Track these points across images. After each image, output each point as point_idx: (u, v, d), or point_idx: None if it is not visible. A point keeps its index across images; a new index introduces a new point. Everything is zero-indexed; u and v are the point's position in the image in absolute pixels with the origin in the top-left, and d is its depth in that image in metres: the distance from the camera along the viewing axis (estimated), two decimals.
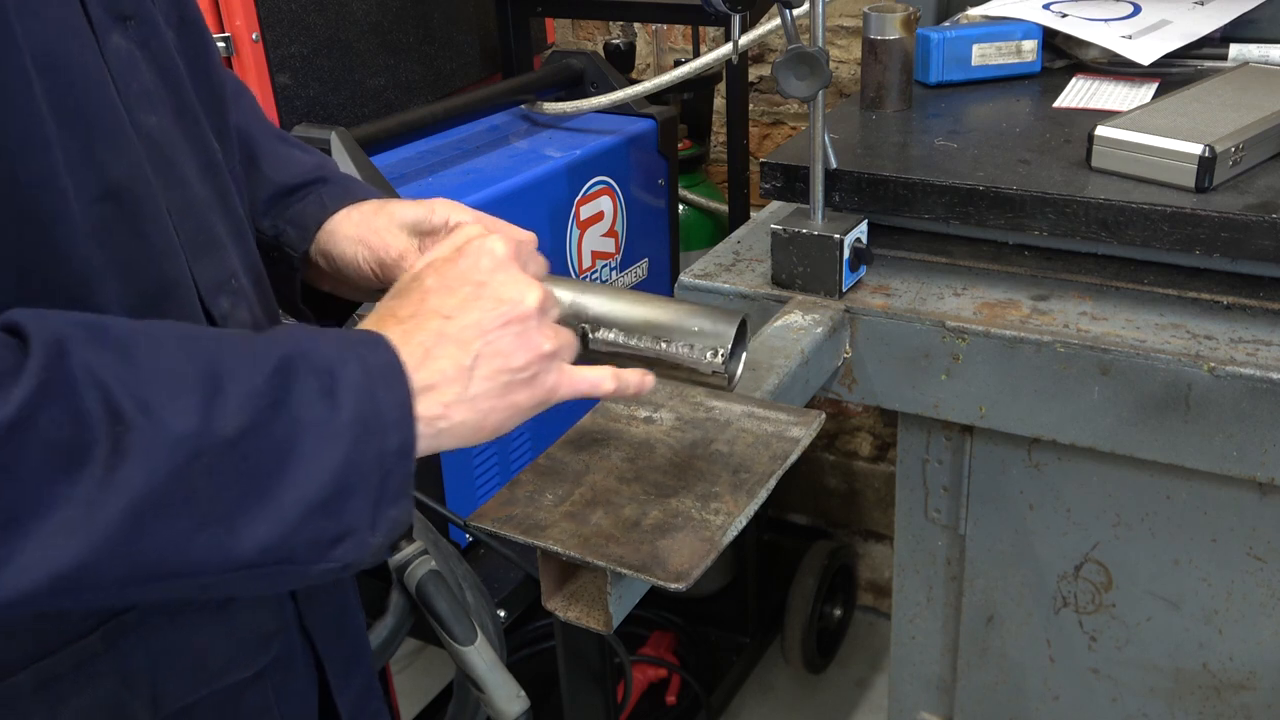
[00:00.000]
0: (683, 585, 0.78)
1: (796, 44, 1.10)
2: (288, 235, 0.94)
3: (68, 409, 0.57)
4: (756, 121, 2.51)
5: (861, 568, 2.78)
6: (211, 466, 0.60)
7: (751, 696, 2.55)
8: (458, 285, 0.73)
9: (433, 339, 0.71)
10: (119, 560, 0.59)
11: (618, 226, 1.87)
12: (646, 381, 0.81)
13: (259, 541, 0.63)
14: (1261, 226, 1.09)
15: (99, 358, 0.59)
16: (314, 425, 0.64)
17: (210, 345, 0.64)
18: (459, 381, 0.70)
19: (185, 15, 0.82)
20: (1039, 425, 1.16)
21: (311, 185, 0.96)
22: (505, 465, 1.72)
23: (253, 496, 0.62)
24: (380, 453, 0.66)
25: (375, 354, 0.68)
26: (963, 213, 1.22)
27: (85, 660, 0.73)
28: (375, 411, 0.66)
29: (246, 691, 0.84)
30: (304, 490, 0.63)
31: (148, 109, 0.73)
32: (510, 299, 0.73)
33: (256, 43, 1.53)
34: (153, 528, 0.59)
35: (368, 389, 0.66)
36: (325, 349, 0.66)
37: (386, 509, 0.67)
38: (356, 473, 0.65)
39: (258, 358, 0.64)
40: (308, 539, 0.64)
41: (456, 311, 0.72)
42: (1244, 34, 1.51)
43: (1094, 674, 1.43)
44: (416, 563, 1.29)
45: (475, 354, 0.71)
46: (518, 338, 0.72)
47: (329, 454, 0.64)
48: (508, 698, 1.25)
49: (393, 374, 0.68)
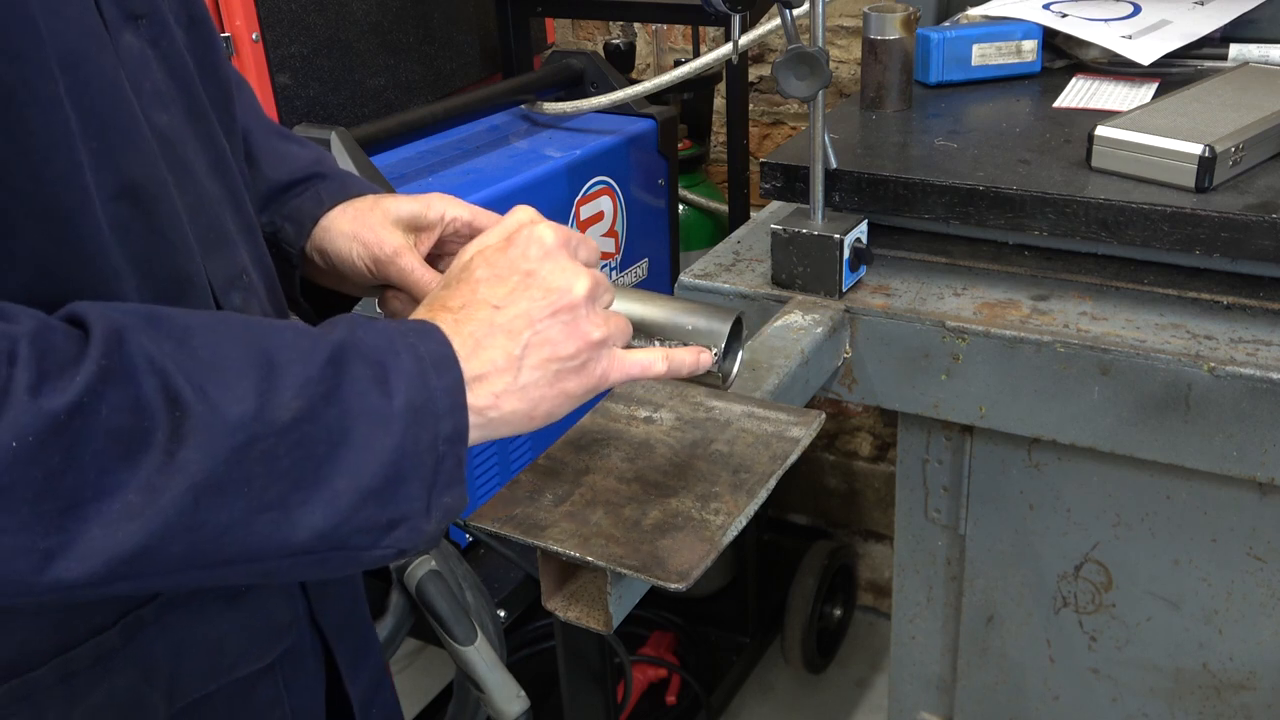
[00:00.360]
0: (683, 585, 0.78)
1: (796, 44, 1.10)
2: (285, 231, 0.94)
3: (128, 395, 0.58)
4: (756, 121, 2.51)
5: (861, 568, 2.78)
6: (267, 452, 0.61)
7: (751, 696, 2.55)
8: (507, 274, 0.74)
9: (483, 329, 0.72)
10: (179, 544, 0.59)
11: (618, 226, 1.87)
12: (703, 360, 0.81)
13: (314, 527, 0.63)
14: (1261, 226, 1.09)
15: (157, 345, 0.60)
16: (367, 413, 0.65)
17: (264, 334, 0.65)
18: (509, 371, 0.71)
19: (194, 14, 0.82)
20: (1039, 425, 1.16)
21: (308, 181, 0.96)
22: (505, 465, 1.72)
23: (307, 482, 0.63)
24: (433, 439, 0.67)
25: (427, 342, 0.69)
26: (963, 213, 1.22)
27: (105, 654, 0.74)
28: (428, 398, 0.67)
29: (258, 683, 0.84)
30: (357, 477, 0.64)
31: (160, 108, 0.73)
32: (559, 287, 0.73)
33: (256, 43, 1.53)
34: (211, 512, 0.60)
35: (420, 376, 0.67)
36: (378, 338, 0.67)
37: (441, 495, 0.68)
38: (409, 459, 0.66)
39: (312, 347, 0.65)
40: (362, 525, 0.65)
41: (506, 301, 0.73)
42: (1244, 34, 1.51)
43: (1094, 674, 1.43)
44: (416, 563, 1.29)
45: (525, 343, 0.72)
46: (566, 326, 0.73)
47: (382, 441, 0.65)
48: (508, 698, 1.25)
49: (445, 362, 0.69)
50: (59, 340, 0.58)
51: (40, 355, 0.56)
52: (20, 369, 0.55)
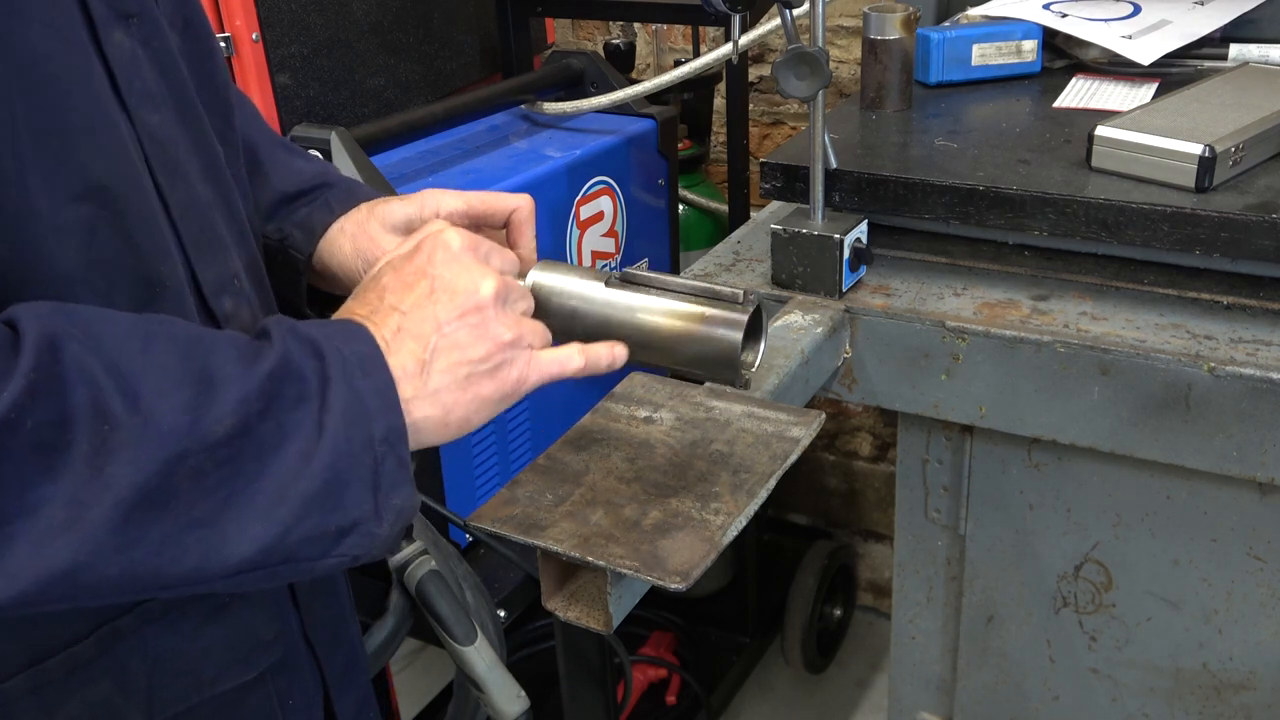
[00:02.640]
0: (683, 585, 0.78)
1: (796, 44, 1.10)
2: (294, 238, 0.94)
3: (54, 408, 0.57)
4: (756, 121, 2.51)
5: (861, 568, 2.78)
6: (197, 468, 0.61)
7: (751, 696, 2.55)
8: (414, 280, 0.73)
9: (390, 334, 0.71)
10: (111, 562, 0.59)
11: (618, 226, 1.87)
12: (618, 354, 0.80)
13: (256, 542, 0.63)
14: (1261, 226, 1.09)
15: (93, 353, 0.59)
16: (300, 423, 0.64)
17: (205, 348, 0.64)
18: (418, 376, 0.70)
19: (190, 19, 0.82)
20: (1039, 425, 1.16)
21: (316, 190, 0.96)
22: (505, 465, 1.72)
23: (240, 497, 0.62)
24: (367, 440, 0.66)
25: (353, 344, 0.69)
26: (963, 213, 1.22)
27: (79, 666, 0.73)
28: (357, 400, 0.66)
29: (249, 697, 0.84)
30: (294, 485, 0.64)
31: (150, 108, 0.73)
32: (464, 290, 0.73)
33: (256, 43, 1.53)
34: (142, 528, 0.59)
35: (347, 380, 0.66)
36: (310, 345, 0.67)
37: (388, 497, 0.67)
38: (345, 463, 0.65)
39: (251, 363, 0.65)
40: (307, 535, 0.65)
41: (412, 306, 0.72)
42: (1244, 34, 1.51)
43: (1094, 674, 1.43)
44: (416, 563, 1.29)
45: (432, 347, 0.71)
46: (475, 329, 0.72)
47: (315, 448, 0.64)
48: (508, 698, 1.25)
49: (372, 362, 0.68)
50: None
51: None
52: None
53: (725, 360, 0.80)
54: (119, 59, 0.70)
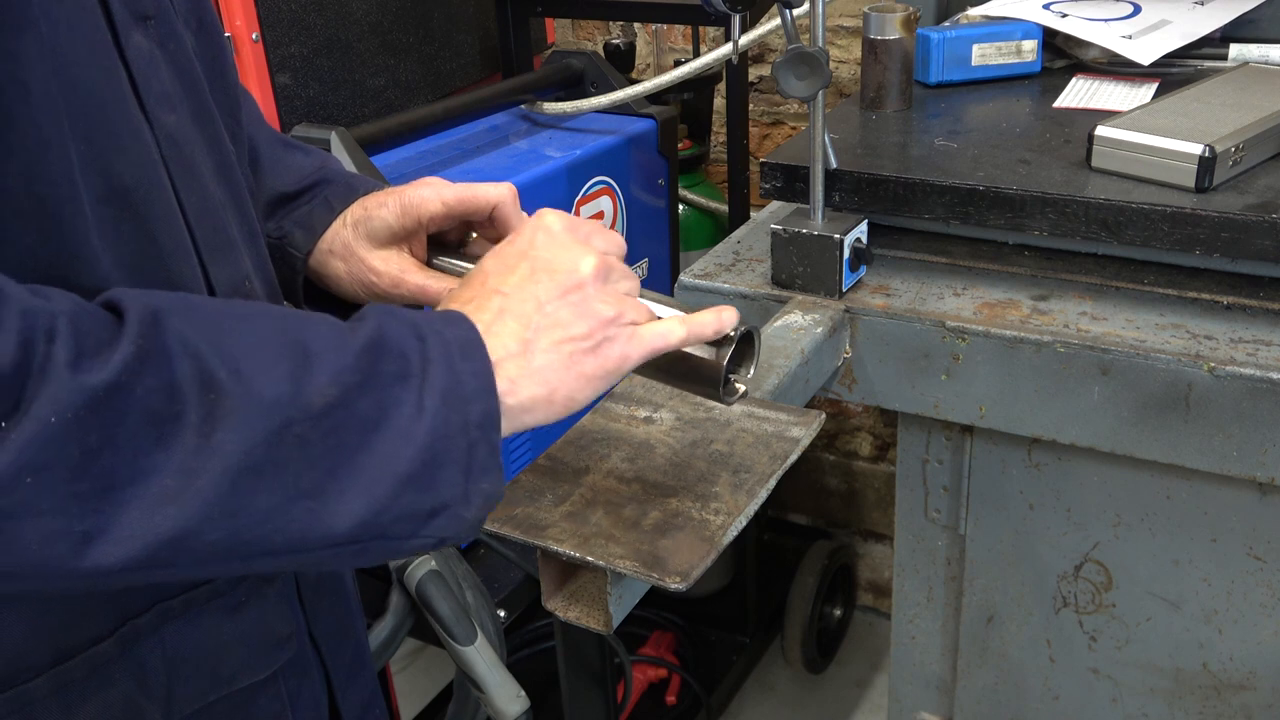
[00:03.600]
0: (683, 585, 0.78)
1: (796, 44, 1.10)
2: (294, 236, 0.94)
3: (163, 377, 0.58)
4: (756, 121, 2.51)
5: (861, 568, 2.78)
6: (302, 436, 0.61)
7: (751, 696, 2.55)
8: (515, 263, 0.75)
9: (493, 316, 0.72)
10: (217, 530, 0.59)
11: (618, 226, 1.87)
12: (725, 319, 0.79)
13: (354, 515, 0.63)
14: (1261, 226, 1.09)
15: (193, 328, 0.60)
16: (399, 401, 0.65)
17: (298, 324, 0.65)
18: (522, 355, 0.71)
19: (204, 19, 0.82)
20: (1039, 425, 1.16)
21: (315, 188, 0.96)
22: (505, 465, 1.72)
23: (343, 470, 0.63)
24: (464, 424, 0.67)
25: (454, 329, 0.69)
26: (963, 213, 1.22)
27: (99, 665, 0.74)
28: (456, 383, 0.67)
29: (260, 695, 0.84)
30: (393, 463, 0.64)
31: (167, 109, 0.73)
32: (565, 269, 0.74)
33: (256, 43, 1.53)
34: (249, 497, 0.60)
35: (447, 362, 0.67)
36: (406, 326, 0.68)
37: (478, 481, 0.68)
38: (442, 444, 0.66)
39: (345, 337, 0.65)
40: (401, 513, 0.65)
41: (514, 288, 0.73)
42: (1244, 34, 1.51)
43: (1094, 674, 1.43)
44: (416, 563, 1.29)
45: (535, 326, 0.72)
46: (576, 306, 0.73)
47: (415, 427, 0.65)
48: (508, 698, 1.25)
49: (471, 347, 0.69)
50: (96, 320, 0.58)
51: (78, 333, 0.56)
52: (59, 345, 0.55)
53: (711, 381, 0.80)
54: (138, 60, 0.71)
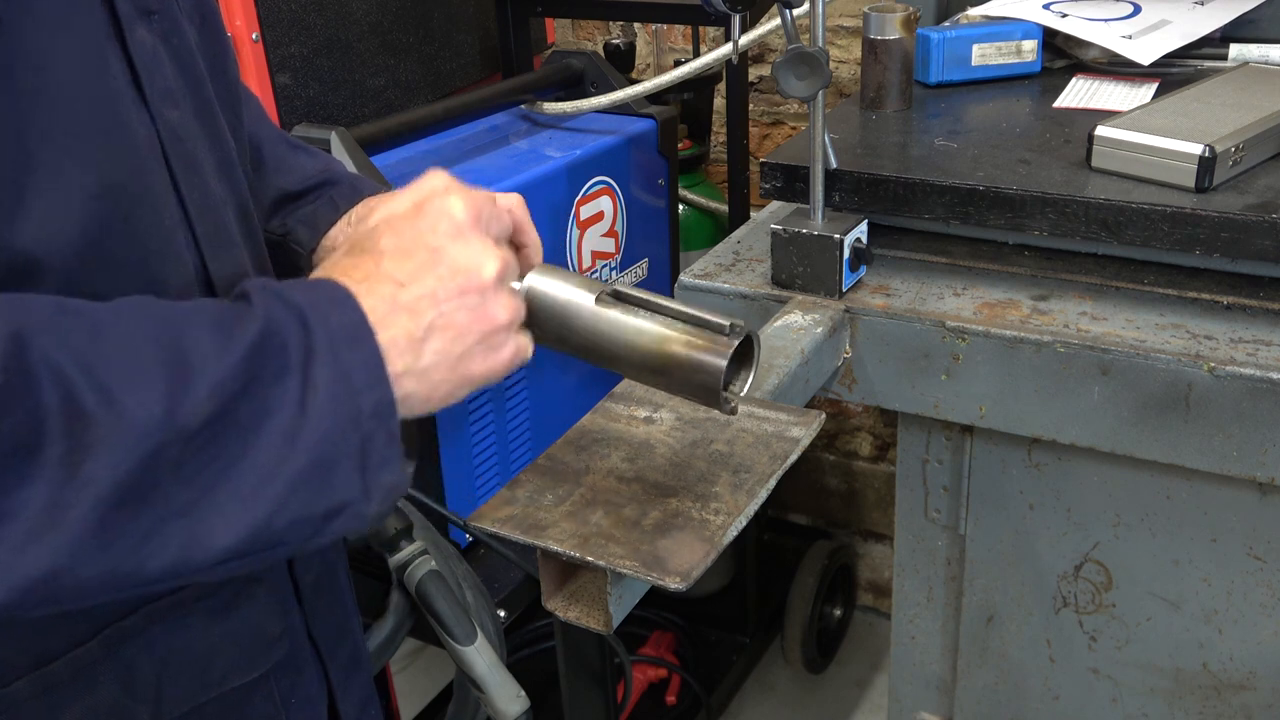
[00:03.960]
0: (683, 585, 0.78)
1: (796, 44, 1.10)
2: (297, 234, 0.94)
3: (26, 410, 0.55)
4: (756, 121, 2.51)
5: (861, 568, 2.78)
6: (177, 458, 0.59)
7: (751, 696, 2.55)
8: (414, 249, 0.70)
9: (385, 306, 0.68)
10: (94, 562, 0.57)
11: (618, 226, 1.87)
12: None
13: (239, 528, 0.61)
14: (1261, 226, 1.09)
15: (62, 347, 0.57)
16: (280, 402, 0.62)
17: (180, 328, 0.62)
18: (410, 352, 0.68)
19: (206, 14, 0.82)
20: (1039, 425, 1.16)
21: (320, 188, 0.96)
22: (505, 465, 1.72)
23: (223, 483, 0.60)
24: (355, 416, 0.64)
25: (340, 314, 0.66)
26: (963, 213, 1.22)
27: (84, 667, 0.73)
28: (343, 375, 0.64)
29: (252, 696, 0.84)
30: (277, 469, 0.61)
31: (170, 104, 0.73)
32: (467, 268, 0.70)
33: (256, 43, 1.53)
34: (122, 525, 0.57)
35: (332, 353, 0.64)
36: (293, 313, 0.64)
37: (377, 474, 0.65)
38: (331, 443, 0.63)
39: (228, 337, 0.62)
40: (294, 518, 0.63)
41: (411, 278, 0.69)
42: (1244, 34, 1.51)
43: (1094, 674, 1.43)
44: (416, 563, 1.29)
45: (428, 325, 0.68)
46: (473, 310, 0.70)
47: (299, 428, 0.62)
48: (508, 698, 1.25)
49: (359, 334, 0.65)
50: None
51: None
52: None
53: (709, 390, 0.79)
54: (141, 55, 0.70)
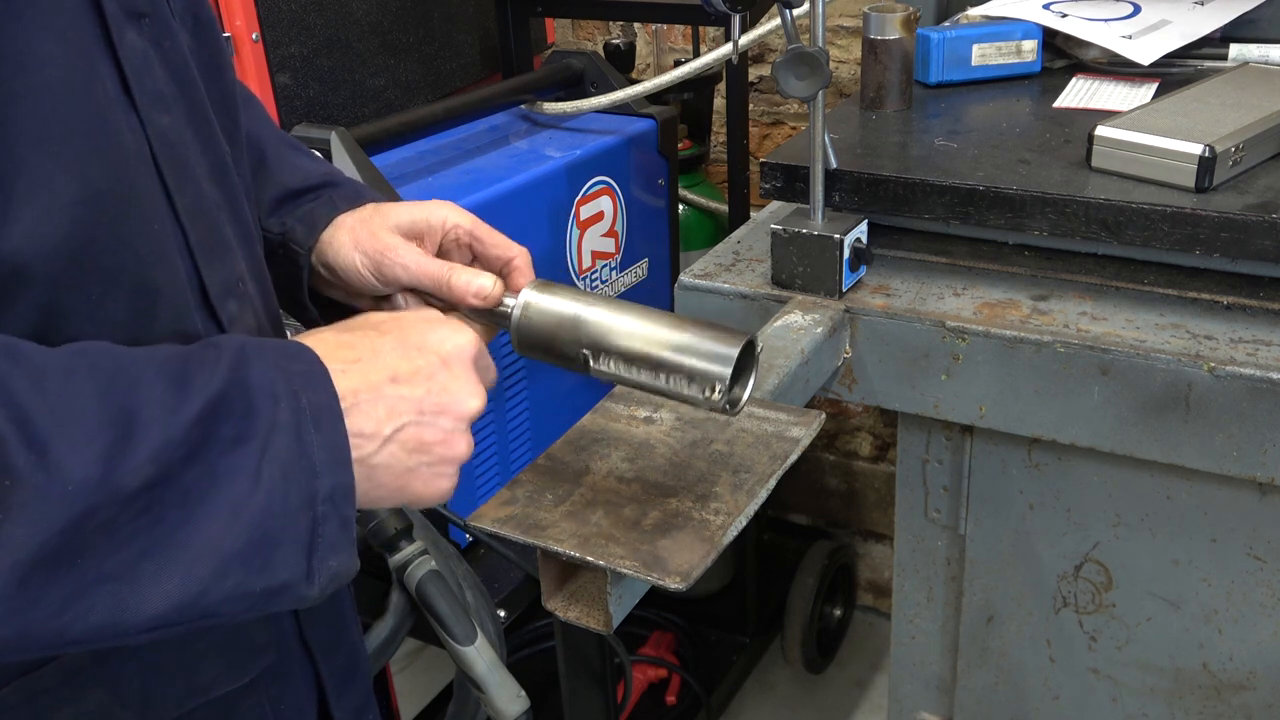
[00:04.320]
0: (683, 585, 0.78)
1: (796, 44, 1.10)
2: (296, 232, 0.93)
3: None
4: (756, 121, 2.51)
5: (861, 568, 2.78)
6: (109, 521, 0.57)
7: (751, 696, 2.55)
8: (415, 355, 0.71)
9: (368, 392, 0.68)
10: (7, 623, 0.55)
11: (618, 226, 1.87)
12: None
13: (169, 598, 0.59)
14: (1261, 226, 1.09)
15: (4, 400, 0.55)
16: (231, 472, 0.60)
17: (131, 384, 0.60)
18: (371, 443, 0.68)
19: (200, 16, 0.81)
20: (1039, 425, 1.16)
21: (320, 189, 0.96)
22: (505, 465, 1.72)
23: (159, 550, 0.58)
24: (308, 498, 0.63)
25: (313, 391, 0.65)
26: (963, 213, 1.22)
27: (72, 674, 0.72)
28: (302, 454, 0.63)
29: (241, 702, 0.83)
30: (218, 541, 0.60)
31: (161, 108, 0.72)
32: (457, 394, 0.72)
33: (256, 43, 1.53)
34: (41, 589, 0.55)
35: (296, 430, 0.63)
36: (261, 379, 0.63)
37: (324, 559, 0.64)
38: (279, 521, 0.62)
39: (182, 396, 0.60)
40: (229, 594, 0.61)
41: (405, 379, 0.70)
42: (1244, 34, 1.51)
43: (1094, 674, 1.43)
44: (416, 563, 1.29)
45: (399, 426, 0.69)
46: (445, 434, 0.71)
47: (247, 501, 0.60)
48: (508, 698, 1.25)
49: (328, 414, 0.65)
50: None
51: None
52: None
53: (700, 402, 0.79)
54: (131, 59, 0.70)
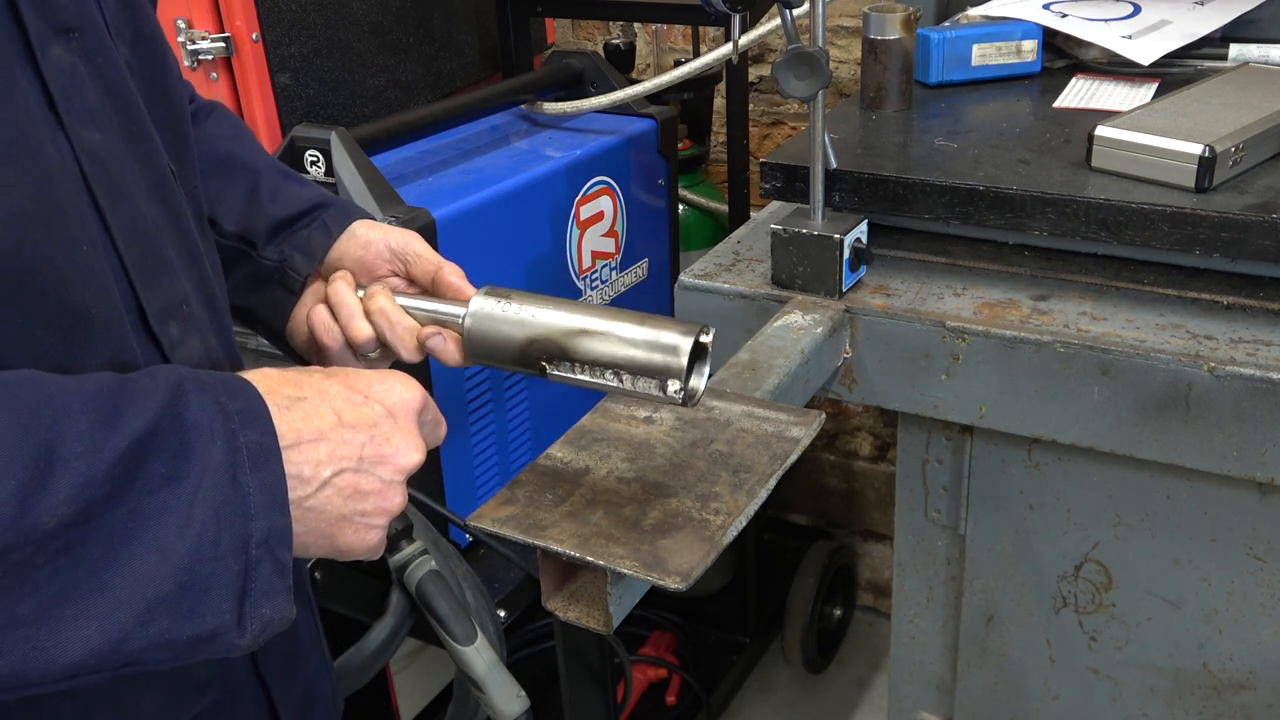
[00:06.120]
0: (683, 585, 0.78)
1: (796, 44, 1.10)
2: (294, 261, 0.94)
3: None
4: (756, 121, 2.51)
5: (861, 568, 2.78)
6: (24, 562, 0.54)
7: (751, 696, 2.55)
8: (361, 402, 0.70)
9: (309, 431, 0.66)
10: None
11: (618, 226, 1.87)
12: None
13: (89, 645, 0.57)
14: (1261, 226, 1.09)
15: None
16: (163, 511, 0.58)
17: (54, 419, 0.57)
18: (307, 487, 0.66)
19: (141, 30, 0.78)
20: (1039, 425, 1.16)
21: (313, 211, 0.96)
22: (505, 465, 1.72)
23: (78, 593, 0.56)
24: (240, 541, 0.61)
25: (252, 430, 0.63)
26: (963, 213, 1.22)
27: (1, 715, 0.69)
28: (236, 494, 0.61)
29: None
30: (142, 586, 0.57)
31: (91, 126, 0.70)
32: (399, 447, 0.70)
33: (256, 43, 1.53)
34: None
35: (230, 470, 0.61)
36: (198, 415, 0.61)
37: (258, 605, 0.62)
38: (208, 566, 0.59)
39: (108, 431, 0.58)
40: (153, 641, 0.58)
41: (349, 424, 0.68)
42: (1244, 34, 1.51)
43: (1094, 674, 1.43)
44: (416, 563, 1.28)
45: (338, 470, 0.67)
46: (383, 485, 0.69)
47: (174, 544, 0.58)
48: (508, 698, 1.25)
49: (266, 455, 0.63)
50: None
51: None
52: None
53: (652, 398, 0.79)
54: (56, 75, 0.67)
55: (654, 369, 0.78)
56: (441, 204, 1.51)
